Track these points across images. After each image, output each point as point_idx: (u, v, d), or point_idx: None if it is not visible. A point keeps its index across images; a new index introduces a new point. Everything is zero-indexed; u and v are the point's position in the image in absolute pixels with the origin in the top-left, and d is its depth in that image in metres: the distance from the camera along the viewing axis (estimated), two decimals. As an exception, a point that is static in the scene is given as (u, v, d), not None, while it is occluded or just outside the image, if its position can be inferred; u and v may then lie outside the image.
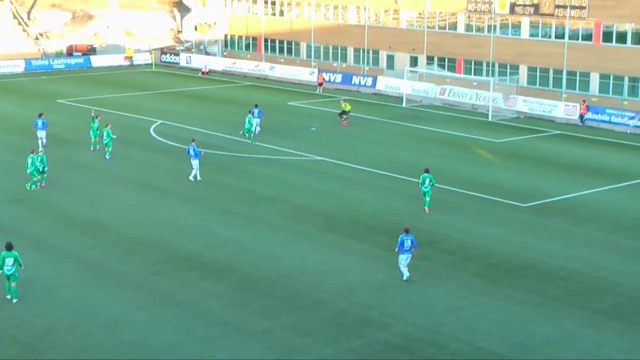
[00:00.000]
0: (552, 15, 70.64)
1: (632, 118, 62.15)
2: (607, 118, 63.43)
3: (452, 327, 27.78)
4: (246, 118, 55.19)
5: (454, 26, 77.63)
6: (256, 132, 56.30)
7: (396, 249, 31.78)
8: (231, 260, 33.66)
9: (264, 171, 48.28)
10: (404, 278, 31.56)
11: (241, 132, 56.08)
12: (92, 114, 52.79)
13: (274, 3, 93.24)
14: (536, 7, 71.40)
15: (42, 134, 52.03)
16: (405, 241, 31.37)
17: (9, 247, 29.28)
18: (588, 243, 36.44)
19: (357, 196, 43.33)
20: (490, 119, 65.73)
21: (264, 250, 35.05)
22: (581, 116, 64.30)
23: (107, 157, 49.53)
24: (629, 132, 61.64)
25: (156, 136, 56.98)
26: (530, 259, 34.28)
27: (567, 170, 49.65)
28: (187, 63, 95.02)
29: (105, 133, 49.65)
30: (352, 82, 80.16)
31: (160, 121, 62.00)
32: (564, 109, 65.94)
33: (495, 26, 74.69)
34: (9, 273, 29.18)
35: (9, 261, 29.12)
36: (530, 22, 72.49)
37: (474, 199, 43.21)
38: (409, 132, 60.49)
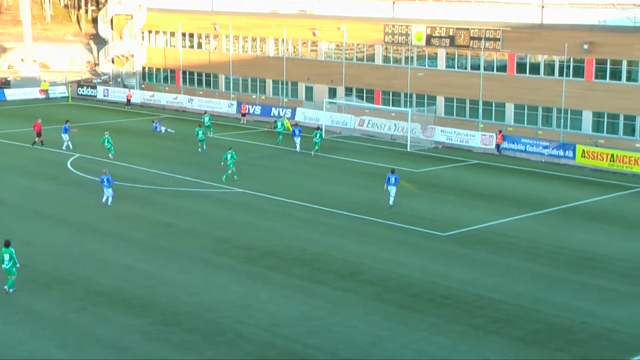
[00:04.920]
0: (467, 47, 71.86)
1: (546, 147, 63.42)
2: (522, 147, 64.59)
3: (377, 359, 27.77)
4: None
5: (371, 58, 78.39)
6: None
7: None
8: (151, 295, 33.20)
9: (183, 204, 47.88)
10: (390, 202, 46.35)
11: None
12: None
13: (191, 35, 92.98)
14: (452, 39, 72.56)
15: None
16: (390, 178, 46.55)
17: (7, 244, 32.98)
18: (507, 271, 36.89)
19: (278, 228, 43.23)
20: (409, 149, 66.39)
21: (184, 283, 34.66)
22: (497, 146, 65.39)
23: None
24: (544, 160, 62.86)
25: (73, 170, 56.12)
26: (451, 288, 34.54)
27: (485, 199, 50.33)
28: (105, 96, 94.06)
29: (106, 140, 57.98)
30: (272, 114, 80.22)
31: (77, 155, 61.13)
32: (480, 139, 67.01)
33: (412, 58, 75.62)
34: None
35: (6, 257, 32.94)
36: (447, 53, 73.58)
37: (394, 229, 43.46)
38: (329, 163, 60.68)
